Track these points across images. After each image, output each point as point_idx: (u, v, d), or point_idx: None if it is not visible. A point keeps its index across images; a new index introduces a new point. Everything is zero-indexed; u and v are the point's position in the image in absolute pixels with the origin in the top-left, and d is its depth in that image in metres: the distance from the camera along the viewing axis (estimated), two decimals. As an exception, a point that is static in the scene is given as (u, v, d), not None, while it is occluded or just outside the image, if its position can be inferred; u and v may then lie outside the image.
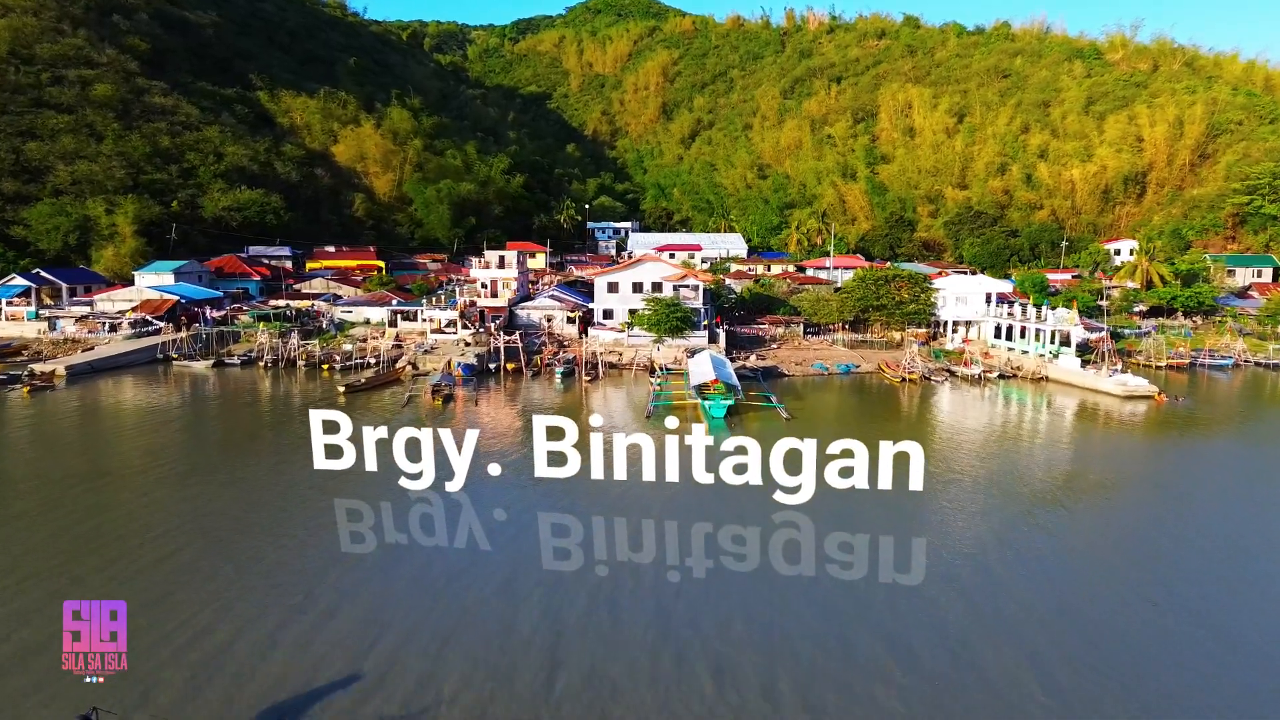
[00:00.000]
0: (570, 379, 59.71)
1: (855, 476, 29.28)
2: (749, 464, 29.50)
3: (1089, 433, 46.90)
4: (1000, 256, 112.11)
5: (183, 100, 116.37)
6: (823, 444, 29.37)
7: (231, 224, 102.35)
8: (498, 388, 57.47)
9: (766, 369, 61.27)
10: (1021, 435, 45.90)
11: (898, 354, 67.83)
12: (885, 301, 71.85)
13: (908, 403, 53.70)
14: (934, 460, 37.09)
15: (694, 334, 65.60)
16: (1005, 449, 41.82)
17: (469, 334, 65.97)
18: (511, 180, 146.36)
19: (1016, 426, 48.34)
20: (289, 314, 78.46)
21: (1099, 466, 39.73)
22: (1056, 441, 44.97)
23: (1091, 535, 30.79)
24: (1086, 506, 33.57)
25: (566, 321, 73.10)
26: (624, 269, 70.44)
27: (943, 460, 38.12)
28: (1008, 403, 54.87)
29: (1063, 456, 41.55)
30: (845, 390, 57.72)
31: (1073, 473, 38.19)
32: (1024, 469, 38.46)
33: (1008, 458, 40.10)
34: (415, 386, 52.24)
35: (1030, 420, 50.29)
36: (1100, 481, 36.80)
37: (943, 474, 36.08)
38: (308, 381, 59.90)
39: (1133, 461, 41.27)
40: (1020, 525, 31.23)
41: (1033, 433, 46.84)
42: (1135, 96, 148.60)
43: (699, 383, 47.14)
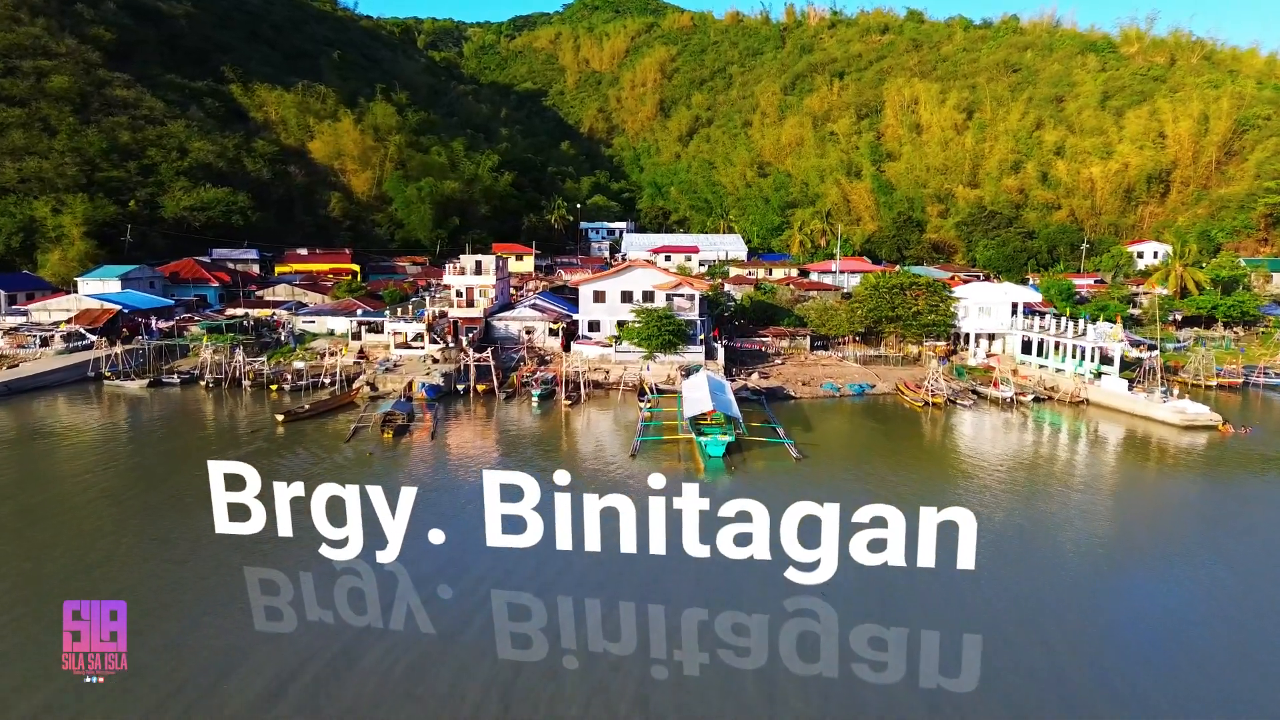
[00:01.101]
0: (549, 401, 52.82)
1: (889, 551, 22.53)
2: (754, 533, 23.00)
3: (1153, 476, 40.00)
4: (1016, 260, 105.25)
5: (146, 93, 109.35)
6: (847, 508, 22.60)
7: (194, 225, 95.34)
8: (466, 412, 50.56)
9: (770, 390, 54.36)
10: (1076, 480, 38.89)
11: (916, 372, 60.92)
12: (901, 312, 64.97)
13: (934, 433, 46.81)
14: (983, 523, 30.30)
15: (689, 349, 58.70)
16: (1064, 503, 34.84)
17: (437, 349, 59.02)
18: (500, 178, 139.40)
19: (1068, 468, 41.31)
20: (246, 324, 71.47)
21: (1180, 527, 32.85)
22: (1120, 490, 37.99)
23: (1186, 625, 23.91)
24: (1174, 586, 26.71)
25: (549, 333, 66.14)
26: (612, 276, 63.53)
27: (993, 523, 31.25)
28: (1049, 434, 47.99)
29: (1133, 512, 34.65)
30: (860, 416, 50.83)
31: (1150, 537, 31.33)
32: (1092, 532, 31.57)
33: (1070, 516, 33.16)
34: (367, 414, 45.31)
35: (1082, 459, 43.27)
36: (1186, 548, 29.90)
37: (996, 542, 29.19)
38: (253, 404, 52.97)
39: (1222, 519, 34.26)
40: (1096, 614, 24.50)
41: (1089, 476, 39.82)
42: (1154, 91, 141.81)
43: (694, 413, 40.25)
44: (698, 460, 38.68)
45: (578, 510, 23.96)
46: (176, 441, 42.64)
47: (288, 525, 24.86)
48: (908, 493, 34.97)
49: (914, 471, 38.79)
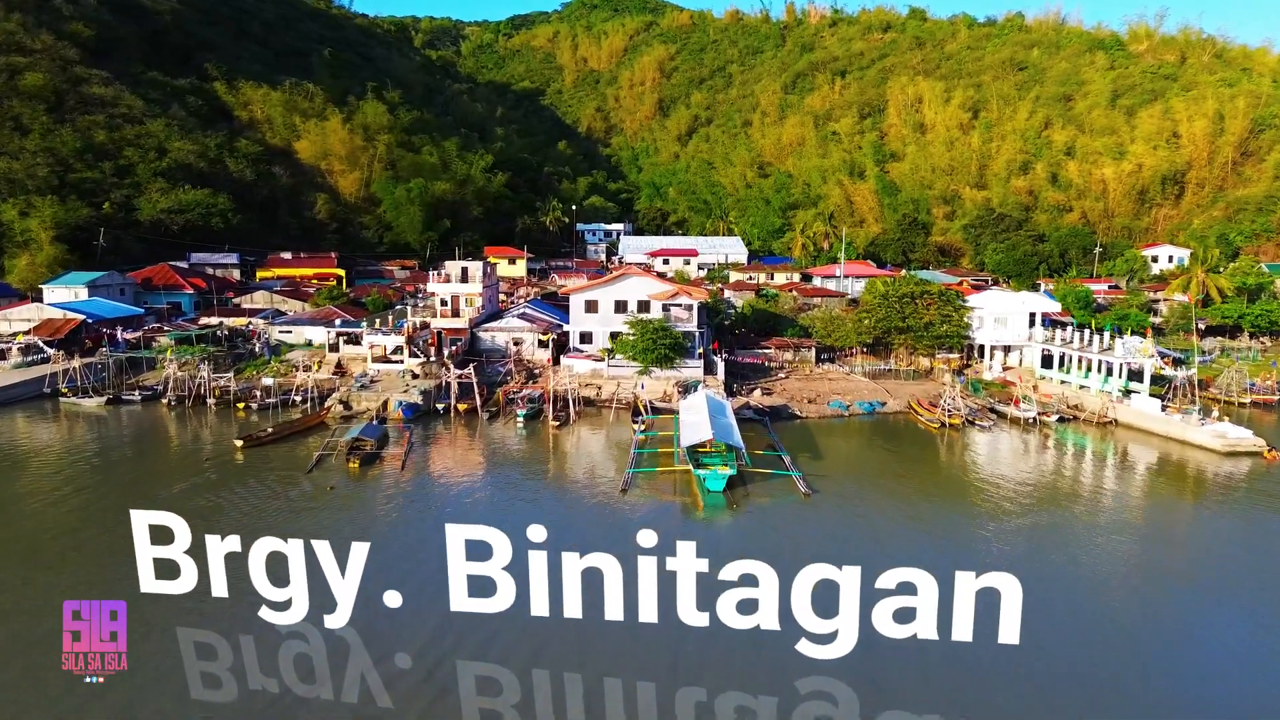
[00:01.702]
0: (536, 421, 48.99)
1: (918, 621, 18.92)
2: (760, 599, 19.45)
3: (1207, 516, 36.05)
4: (1027, 264, 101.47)
5: (125, 91, 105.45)
6: (870, 572, 19.05)
7: (172, 228, 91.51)
8: (445, 434, 46.73)
9: (774, 409, 50.56)
10: (1121, 521, 34.89)
11: (929, 387, 57.13)
12: (912, 323, 61.15)
13: (954, 461, 42.99)
14: (1026, 583, 26.54)
15: (687, 363, 54.90)
16: (1110, 553, 30.92)
17: (417, 364, 55.14)
18: (493, 179, 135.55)
19: (1109, 506, 37.18)
20: (219, 334, 67.62)
21: (1250, 579, 29.00)
22: (1171, 533, 34.05)
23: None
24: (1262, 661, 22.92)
25: (538, 345, 62.33)
26: (605, 284, 59.69)
27: (1034, 579, 27.34)
28: (1079, 461, 44.16)
29: (1192, 564, 30.54)
30: (872, 439, 47.03)
31: (1218, 596, 27.50)
32: (1147, 590, 27.76)
33: (1119, 570, 29.31)
34: (334, 439, 41.43)
35: (1121, 495, 39.19)
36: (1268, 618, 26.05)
37: (1040, 603, 25.32)
38: (218, 424, 49.15)
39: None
40: (1166, 695, 20.89)
41: (1133, 517, 35.83)
42: (1165, 90, 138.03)
43: (692, 442, 36.42)
44: (696, 494, 34.94)
45: (555, 571, 20.35)
46: (121, 472, 38.73)
47: (223, 584, 21.22)
48: (933, 537, 31.24)
49: (937, 509, 34.98)
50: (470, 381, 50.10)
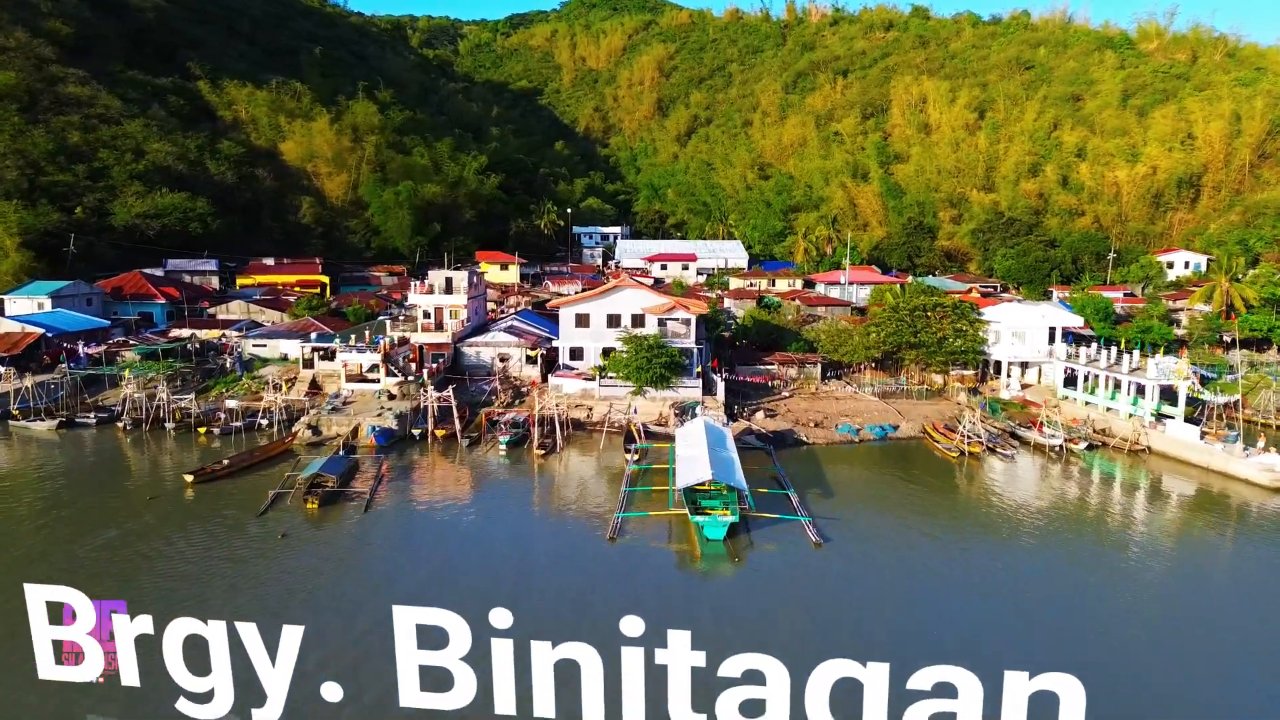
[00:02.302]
0: (521, 448, 45.18)
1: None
2: (769, 699, 15.49)
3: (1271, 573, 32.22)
4: (1038, 271, 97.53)
5: (102, 91, 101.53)
6: (900, 670, 14.96)
7: (147, 234, 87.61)
8: (420, 464, 42.87)
9: (778, 434, 46.76)
10: (1174, 581, 31.17)
11: (944, 408, 53.35)
12: (924, 338, 57.31)
13: (979, 497, 39.14)
14: (1089, 682, 22.67)
15: (684, 383, 51.09)
16: (1176, 639, 27.17)
17: (394, 383, 51.29)
18: (486, 181, 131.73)
19: (1159, 559, 33.50)
20: (190, 348, 63.77)
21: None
22: (1240, 594, 30.21)
23: None
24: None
25: (526, 361, 58.51)
26: (596, 297, 55.86)
27: (1102, 681, 23.54)
28: (1115, 498, 40.32)
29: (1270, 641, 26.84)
30: (885, 469, 43.20)
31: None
32: (1224, 682, 23.93)
33: (1185, 650, 25.47)
34: (295, 473, 37.51)
35: (1166, 544, 35.37)
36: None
37: (1105, 691, 21.53)
38: (177, 450, 45.36)
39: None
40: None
41: (1189, 576, 32.12)
42: (1178, 89, 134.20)
43: (690, 482, 32.56)
44: (694, 543, 31.13)
45: (523, 662, 16.43)
46: (51, 514, 34.77)
47: (133, 671, 17.30)
48: (967, 605, 27.28)
49: (967, 565, 31.07)
50: (449, 405, 46.24)
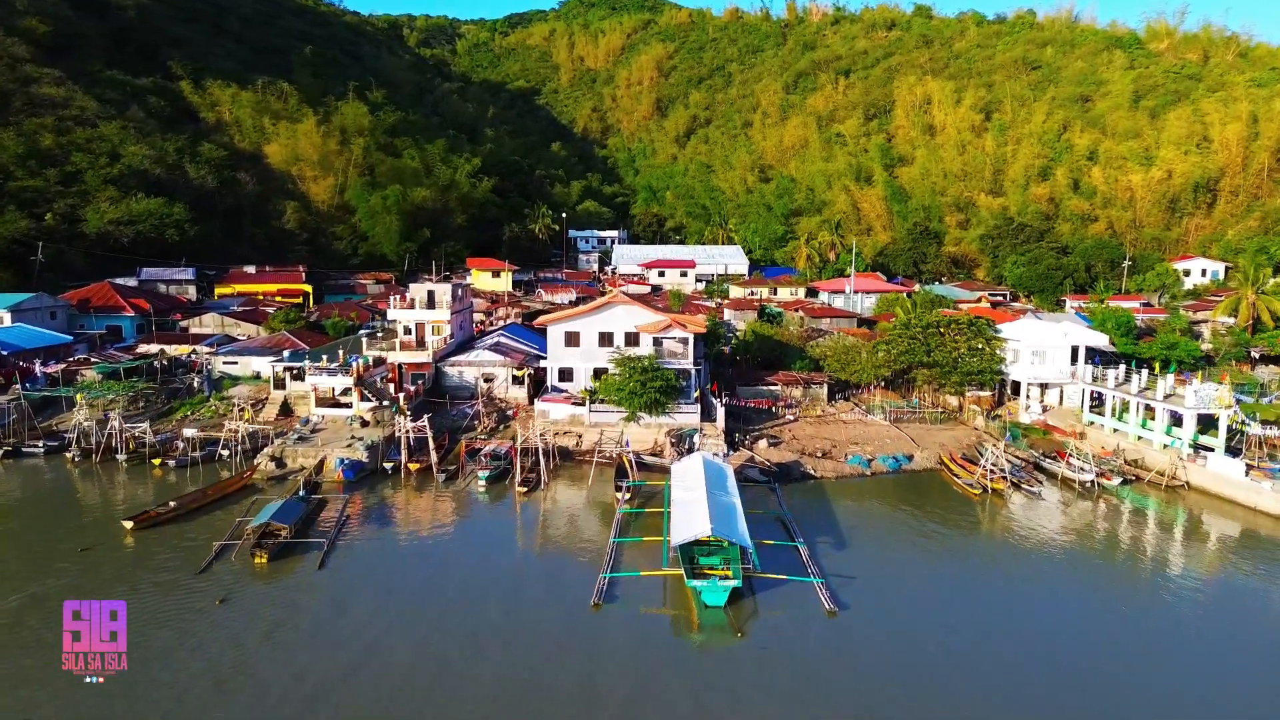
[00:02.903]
0: (502, 482, 41.40)
1: None
2: None
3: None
4: (1051, 279, 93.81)
5: (78, 91, 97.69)
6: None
7: (121, 241, 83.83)
8: (390, 503, 38.99)
9: (784, 467, 42.98)
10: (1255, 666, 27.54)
11: (960, 434, 49.62)
12: (939, 357, 53.56)
13: (1007, 543, 35.29)
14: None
15: (681, 407, 47.34)
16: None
17: (368, 409, 47.51)
18: (479, 185, 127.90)
19: (1231, 629, 29.93)
20: (158, 365, 60.00)
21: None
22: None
23: None
24: None
25: (513, 382, 54.74)
26: (587, 314, 52.11)
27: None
28: (1161, 542, 36.53)
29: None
30: (902, 509, 39.39)
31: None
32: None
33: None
34: (247, 518, 33.60)
35: (1229, 603, 31.90)
36: None
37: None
38: (128, 485, 41.56)
39: None
40: None
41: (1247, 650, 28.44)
42: (1190, 90, 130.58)
43: (686, 538, 28.75)
44: (691, 608, 27.34)
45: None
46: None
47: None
48: (1005, 677, 23.33)
49: (1002, 639, 27.25)
50: (425, 435, 42.45)
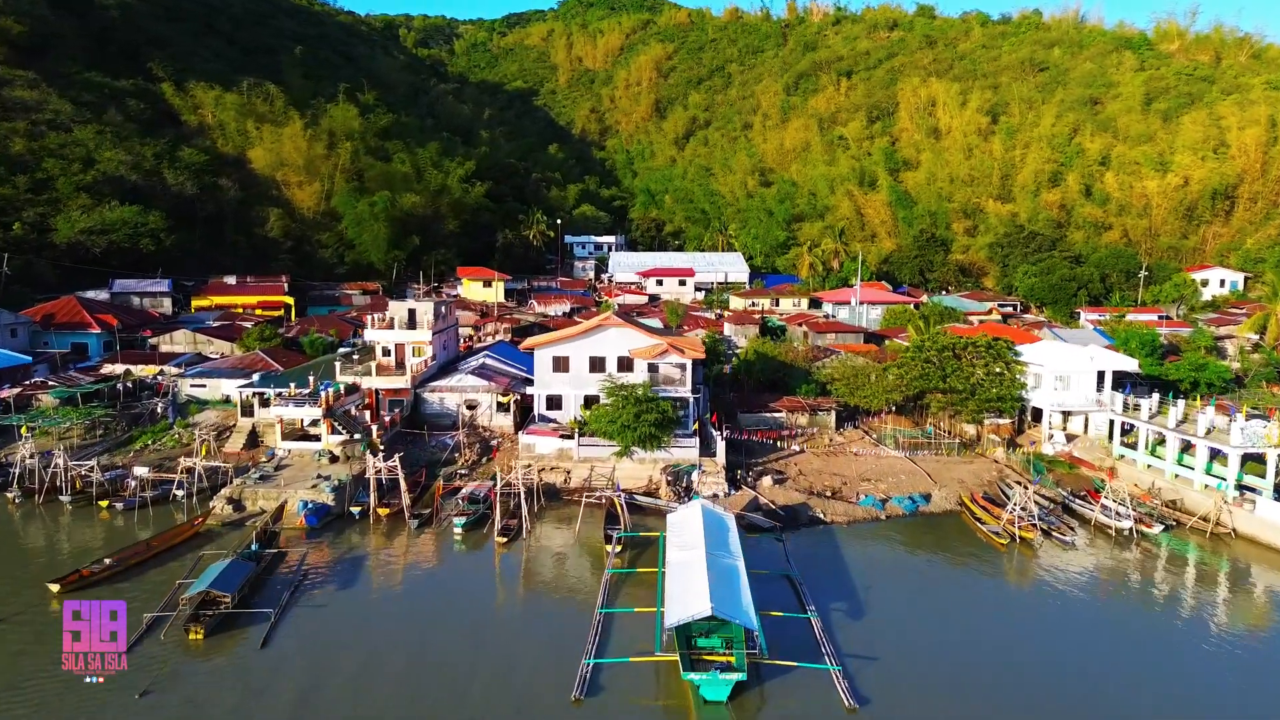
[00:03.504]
0: (481, 529, 37.67)
1: None
2: None
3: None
4: (1064, 290, 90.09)
5: (53, 94, 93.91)
6: None
7: (94, 251, 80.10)
8: (356, 552, 35.23)
9: (790, 511, 39.26)
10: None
11: (980, 467, 45.92)
12: (955, 383, 49.87)
13: (1044, 607, 31.56)
14: None
15: (679, 441, 43.62)
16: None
17: (338, 442, 43.77)
18: (471, 190, 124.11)
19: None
20: (121, 388, 56.33)
21: None
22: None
23: None
24: None
25: (497, 409, 51.01)
26: (577, 337, 48.44)
27: None
28: (1220, 605, 32.85)
29: None
30: (922, 562, 35.65)
31: None
32: None
33: None
34: (188, 579, 29.83)
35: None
36: None
37: None
38: (73, 531, 37.87)
39: None
40: None
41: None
42: (1204, 93, 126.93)
43: (682, 619, 24.93)
44: (689, 701, 23.60)
45: None
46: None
47: None
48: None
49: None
50: (396, 476, 38.70)
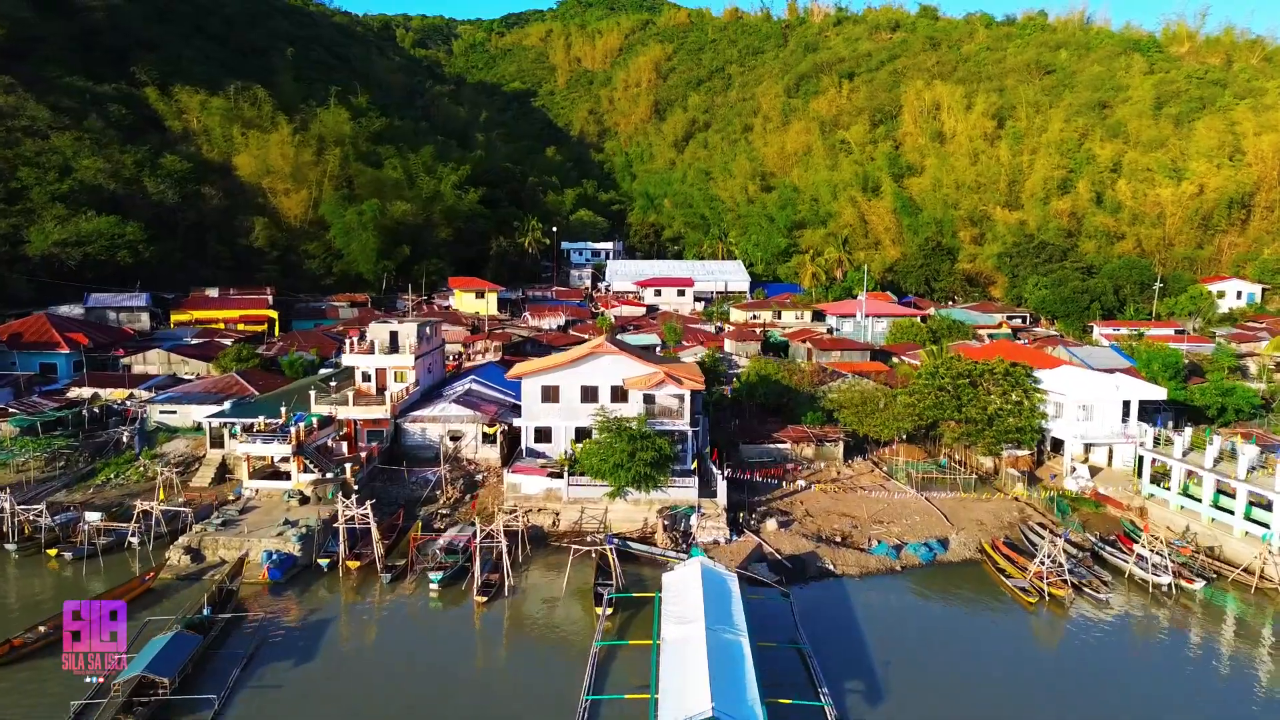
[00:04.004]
0: (459, 584, 34.52)
1: None
2: None
3: None
4: (1077, 303, 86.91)
5: (30, 100, 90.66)
6: None
7: (69, 264, 76.94)
8: (320, 613, 32.16)
9: (797, 560, 36.14)
10: None
11: (999, 506, 42.79)
12: (972, 413, 46.75)
13: (1082, 680, 28.46)
14: None
15: (676, 480, 40.49)
16: None
17: (309, 482, 40.64)
18: (465, 196, 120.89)
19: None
20: (86, 413, 53.22)
21: None
22: None
23: None
24: None
25: (483, 440, 47.90)
26: (568, 365, 45.31)
27: None
28: (1273, 673, 29.76)
29: None
30: (942, 623, 32.56)
31: None
32: None
33: None
34: (134, 648, 26.72)
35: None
36: None
37: None
38: (19, 583, 34.83)
39: None
40: None
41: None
42: (1216, 97, 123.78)
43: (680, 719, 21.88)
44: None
45: None
46: None
47: None
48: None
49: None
50: (368, 524, 35.56)
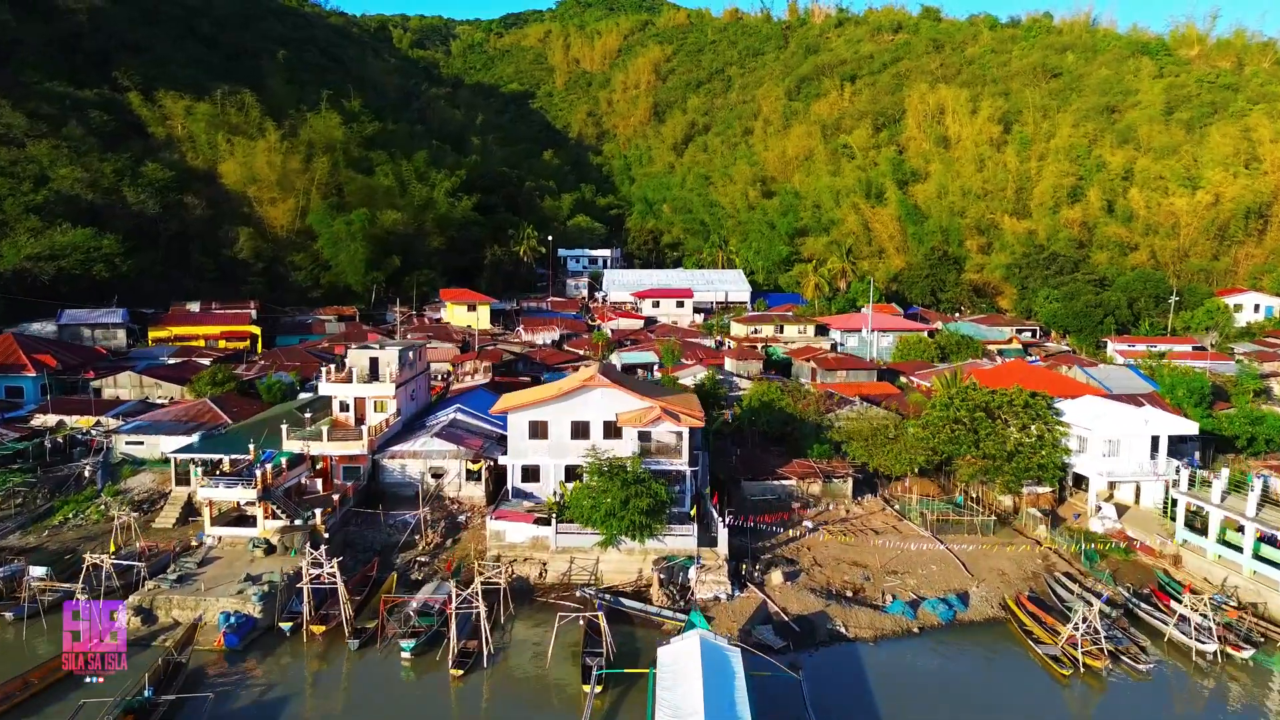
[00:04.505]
0: (433, 651, 31.37)
1: None
2: None
3: None
4: (1090, 317, 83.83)
5: (5, 106, 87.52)
6: None
7: (42, 279, 73.85)
8: (278, 687, 29.06)
9: (805, 622, 33.03)
10: None
11: (1022, 554, 39.68)
12: (990, 449, 43.65)
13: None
14: None
15: (673, 529, 37.37)
16: None
17: (276, 529, 37.53)
18: (459, 203, 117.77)
19: None
20: (48, 444, 50.12)
21: None
22: None
23: None
24: None
25: (467, 477, 44.78)
26: (558, 399, 42.21)
27: None
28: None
29: None
30: (961, 693, 29.46)
31: None
32: None
33: None
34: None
35: None
36: None
37: None
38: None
39: None
40: None
41: None
42: (1228, 102, 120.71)
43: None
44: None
45: None
46: None
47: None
48: None
49: None
50: (335, 583, 32.43)
